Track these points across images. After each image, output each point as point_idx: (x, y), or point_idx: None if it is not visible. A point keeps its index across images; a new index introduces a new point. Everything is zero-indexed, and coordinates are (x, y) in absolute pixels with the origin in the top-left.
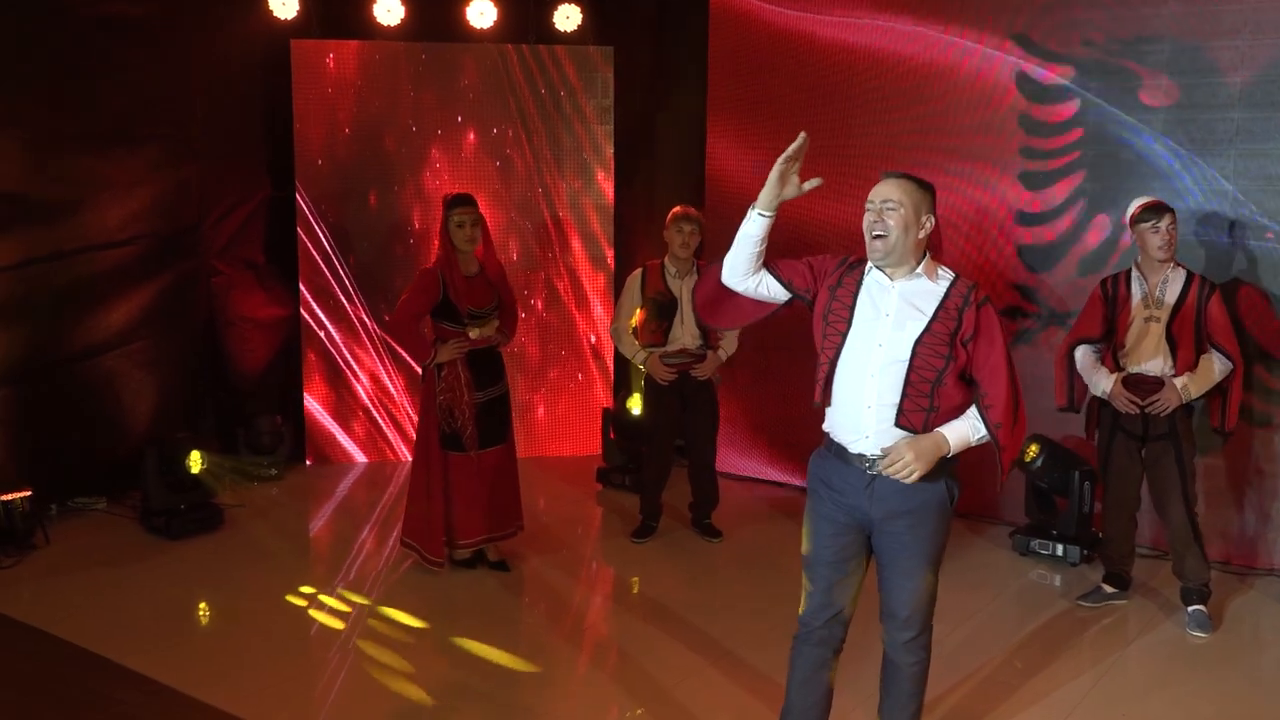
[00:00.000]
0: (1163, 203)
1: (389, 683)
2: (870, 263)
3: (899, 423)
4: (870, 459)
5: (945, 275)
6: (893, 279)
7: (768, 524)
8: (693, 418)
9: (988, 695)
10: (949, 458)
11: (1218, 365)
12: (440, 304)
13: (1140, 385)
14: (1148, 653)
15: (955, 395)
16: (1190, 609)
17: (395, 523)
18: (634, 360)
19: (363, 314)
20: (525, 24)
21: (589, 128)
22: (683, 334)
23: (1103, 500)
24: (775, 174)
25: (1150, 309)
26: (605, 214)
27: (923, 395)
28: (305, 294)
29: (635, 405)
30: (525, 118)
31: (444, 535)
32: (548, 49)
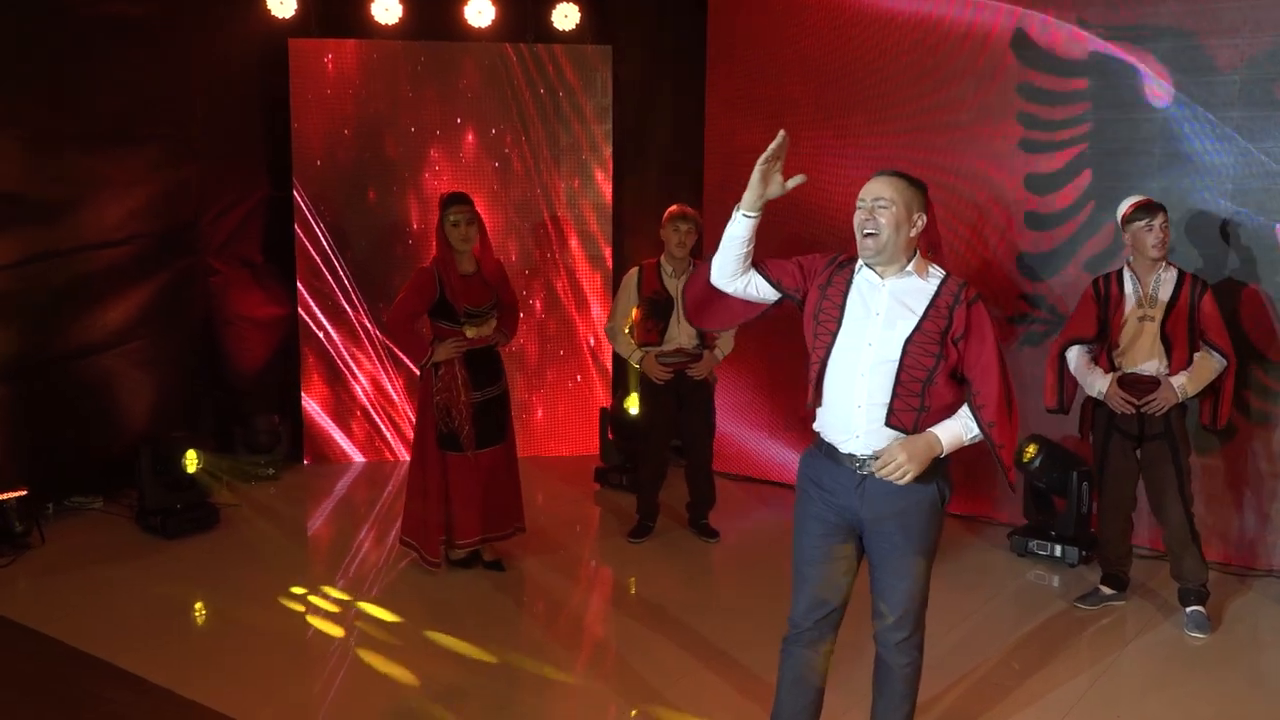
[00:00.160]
0: (1154, 201)
1: (384, 683)
2: (860, 261)
3: (890, 422)
4: (861, 459)
5: (936, 273)
6: (883, 277)
7: (765, 524)
8: (689, 417)
9: (984, 696)
10: (941, 458)
11: (1214, 363)
12: (437, 303)
13: (1136, 385)
14: (1145, 653)
15: (946, 394)
16: (1188, 610)
17: (392, 523)
18: (630, 360)
19: (361, 313)
20: (523, 23)
21: (587, 127)
22: (679, 333)
23: (1098, 501)
24: (757, 174)
25: (1144, 308)
26: (603, 213)
27: (913, 395)
28: (303, 293)
29: (633, 405)
30: (523, 117)
31: (441, 535)
32: (546, 48)
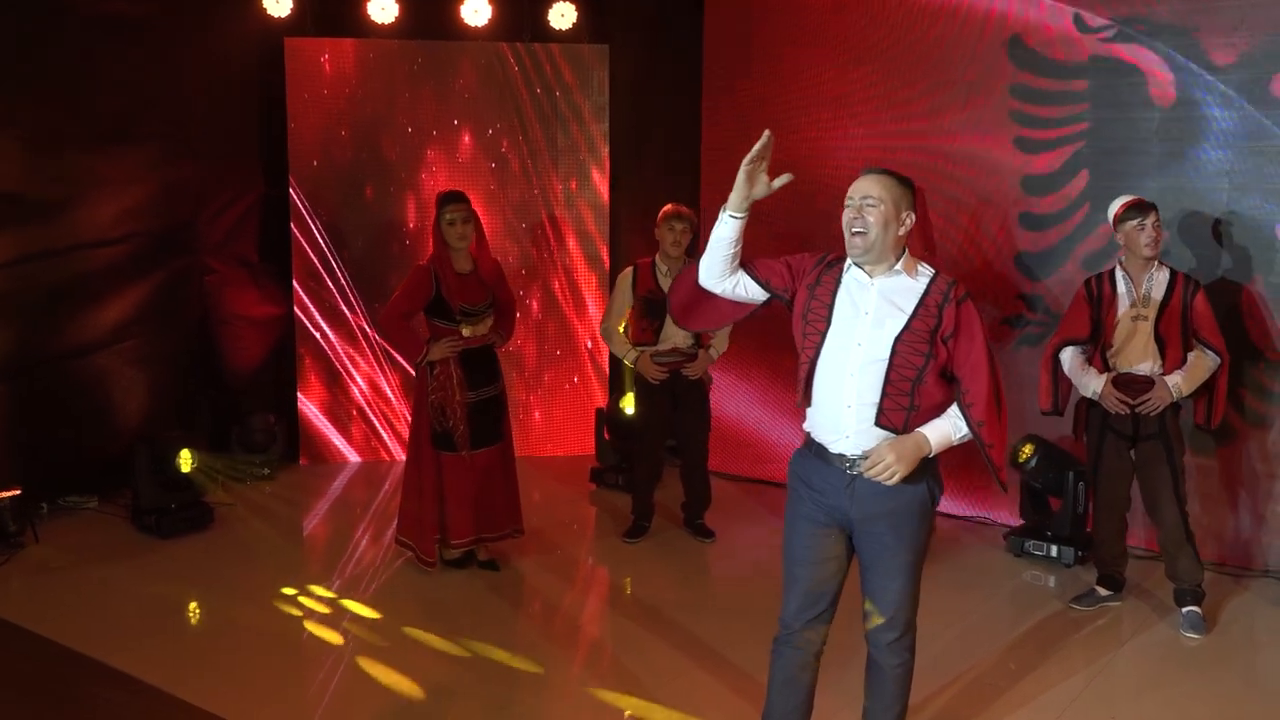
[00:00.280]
0: (1146, 200)
1: (378, 683)
2: (849, 260)
3: (879, 422)
4: (851, 459)
5: (925, 271)
6: (872, 276)
7: (760, 524)
8: (684, 417)
9: (978, 696)
10: (931, 458)
11: (1208, 362)
12: (433, 301)
13: (1130, 385)
14: (1141, 654)
15: (936, 393)
16: (1184, 610)
17: (388, 522)
18: (625, 359)
19: (358, 313)
20: (520, 22)
21: (584, 126)
22: (674, 333)
23: (1093, 502)
24: (742, 175)
25: (1138, 308)
26: (600, 213)
27: (903, 394)
28: (300, 292)
29: (628, 405)
30: (520, 117)
31: (436, 535)
32: (543, 47)
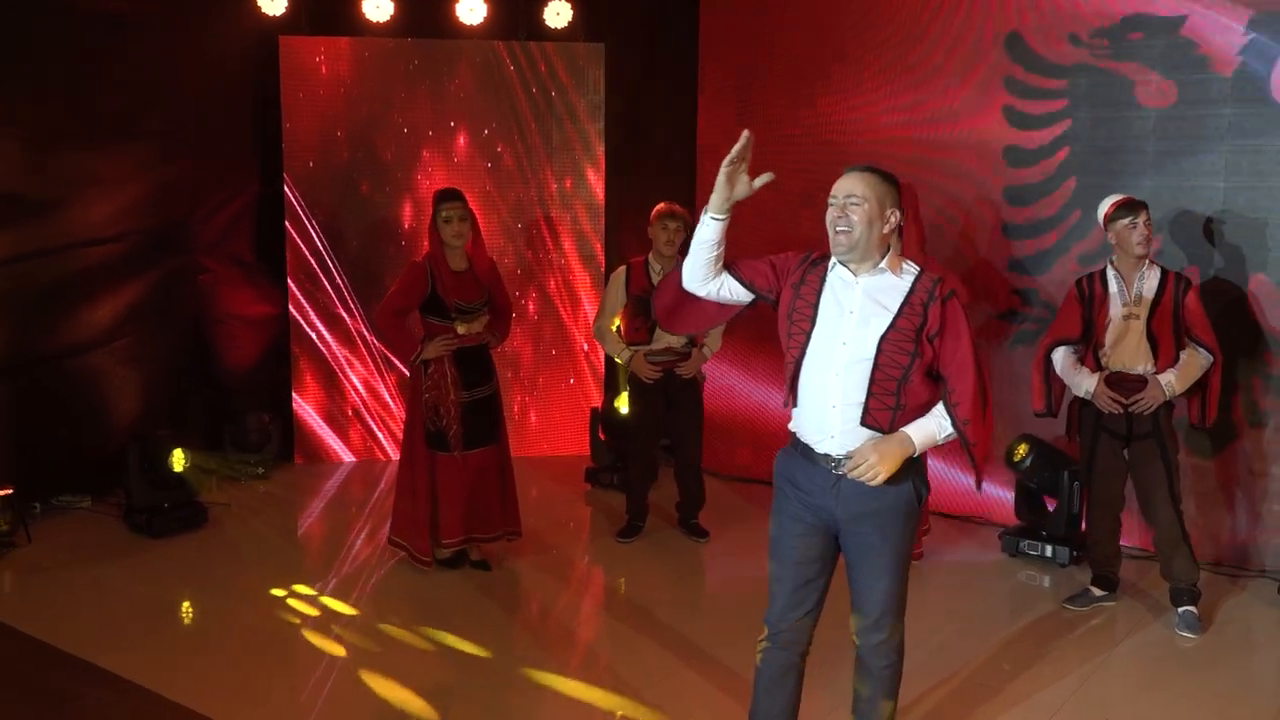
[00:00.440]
0: (1136, 199)
1: (370, 683)
2: (834, 258)
3: (865, 422)
4: (836, 459)
5: (910, 269)
6: (856, 275)
7: (755, 523)
8: (678, 416)
9: (971, 695)
10: (916, 457)
11: (1200, 360)
12: (428, 298)
13: (1123, 384)
14: (1135, 654)
15: (922, 392)
16: (1179, 610)
17: (382, 522)
18: (619, 359)
19: (353, 312)
20: (515, 20)
21: (579, 125)
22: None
23: (1087, 502)
24: (722, 177)
25: (1130, 307)
26: (596, 212)
27: (888, 393)
28: (295, 292)
29: (623, 404)
30: (516, 115)
31: (430, 534)
32: (538, 46)
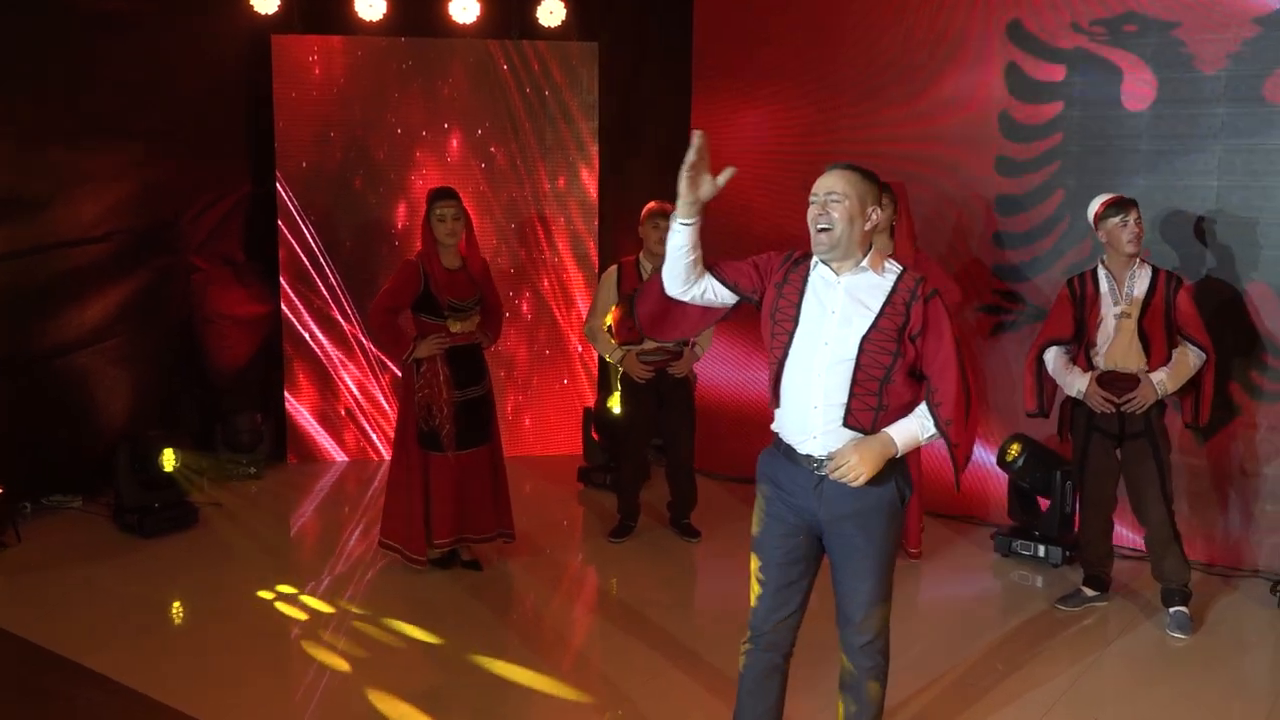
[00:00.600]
0: (1126, 198)
1: (360, 684)
2: (816, 257)
3: (847, 422)
4: (818, 460)
5: (893, 268)
6: (838, 274)
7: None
8: (669, 415)
9: (963, 695)
10: (898, 457)
11: (1193, 358)
12: (421, 296)
13: (1115, 383)
14: (1126, 654)
15: (905, 393)
16: (1171, 610)
17: (374, 522)
18: (611, 359)
19: (345, 311)
20: (508, 19)
21: (573, 124)
22: None
23: (1079, 502)
24: (684, 182)
25: (1121, 306)
26: (589, 211)
27: (870, 394)
28: (286, 291)
29: (615, 404)
30: (509, 115)
31: (424, 533)
32: (531, 45)
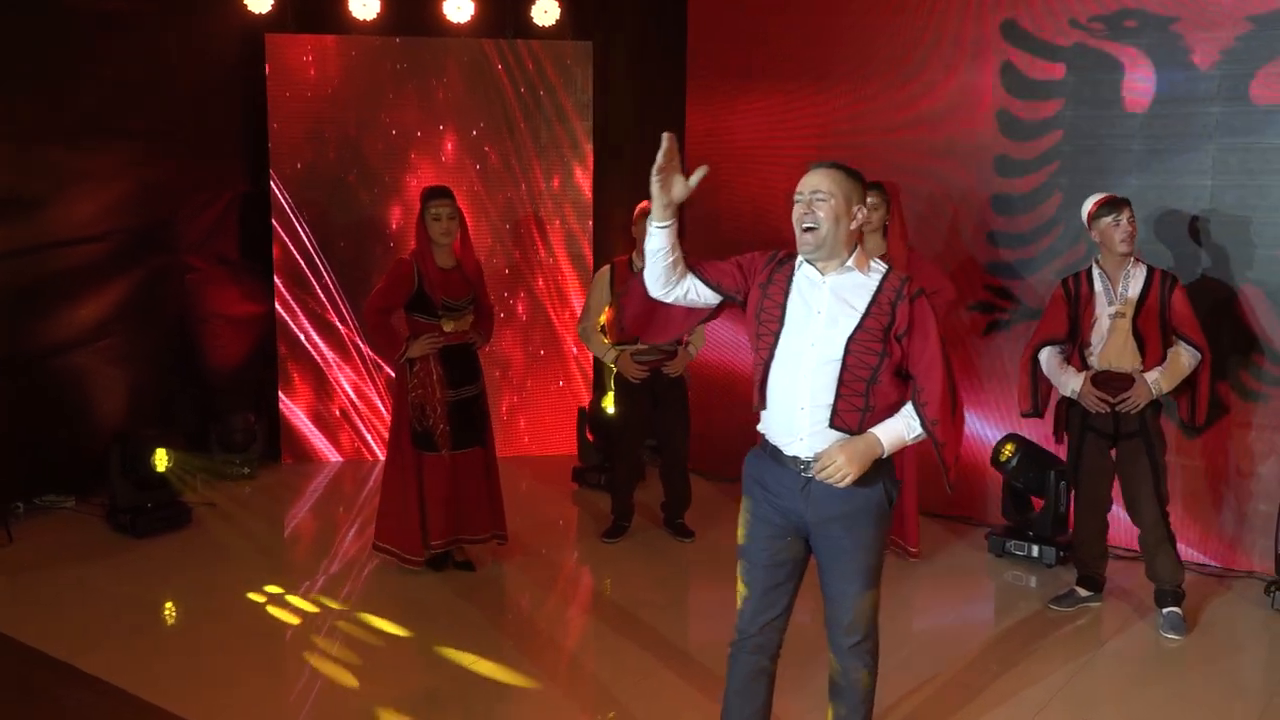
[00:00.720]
0: (1119, 197)
1: (351, 686)
2: (800, 257)
3: (834, 424)
4: (805, 462)
5: (878, 268)
6: (824, 274)
7: None
8: (664, 415)
9: (955, 695)
10: (885, 458)
11: (1187, 358)
12: (414, 295)
13: (1110, 383)
14: (1119, 655)
15: (892, 393)
16: (1164, 611)
17: (368, 522)
18: (605, 359)
19: (341, 311)
20: (503, 19)
21: (567, 124)
22: None
23: (1074, 502)
24: (655, 186)
25: (1116, 305)
26: (584, 211)
27: (857, 394)
28: (281, 290)
29: (609, 404)
30: (504, 114)
31: (420, 534)
32: (526, 44)
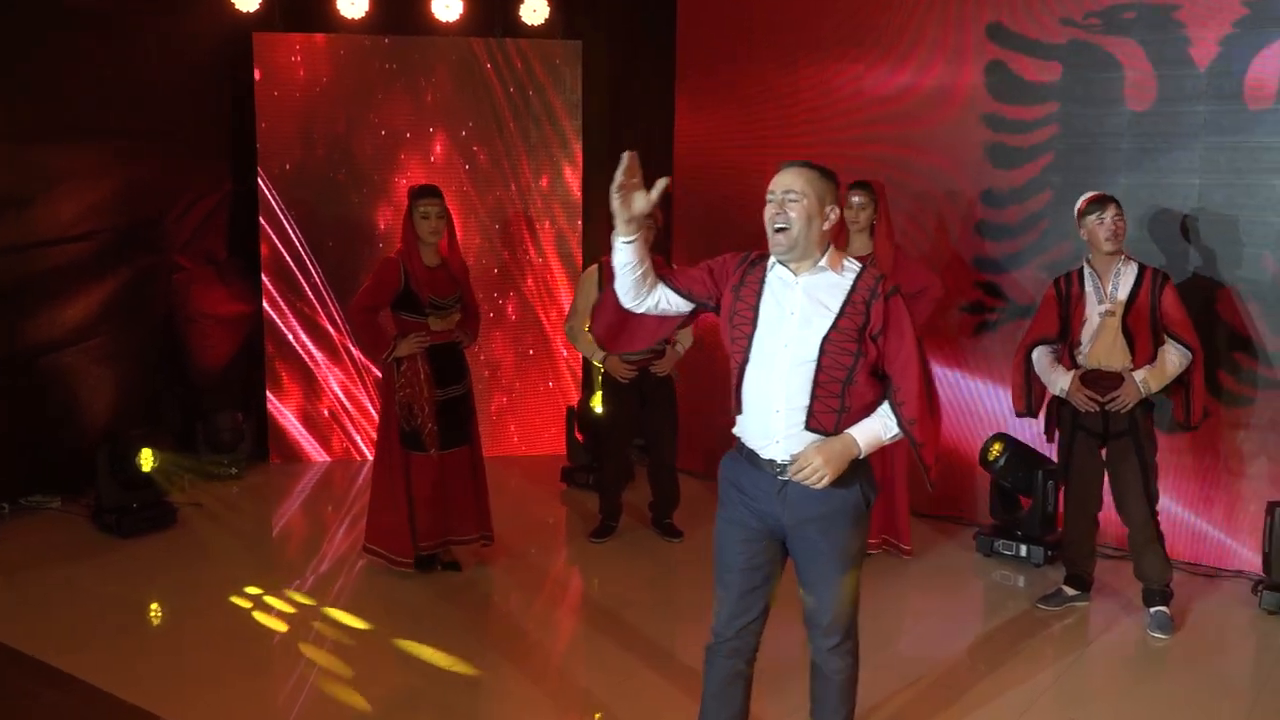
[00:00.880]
0: (1106, 195)
1: (335, 687)
2: (773, 258)
3: (809, 425)
4: (781, 465)
5: (852, 266)
6: (796, 274)
7: None
8: (652, 415)
9: (941, 695)
10: (861, 459)
11: (1177, 357)
12: (401, 294)
13: (1099, 382)
14: (1106, 654)
15: (868, 393)
16: (1151, 610)
17: (355, 522)
18: (593, 359)
19: (330, 310)
20: (491, 17)
21: (556, 123)
22: None
23: (1064, 501)
24: (616, 203)
25: (1106, 304)
26: (573, 210)
27: (833, 395)
28: (269, 290)
29: (598, 404)
30: (493, 113)
31: (410, 535)
32: (514, 43)
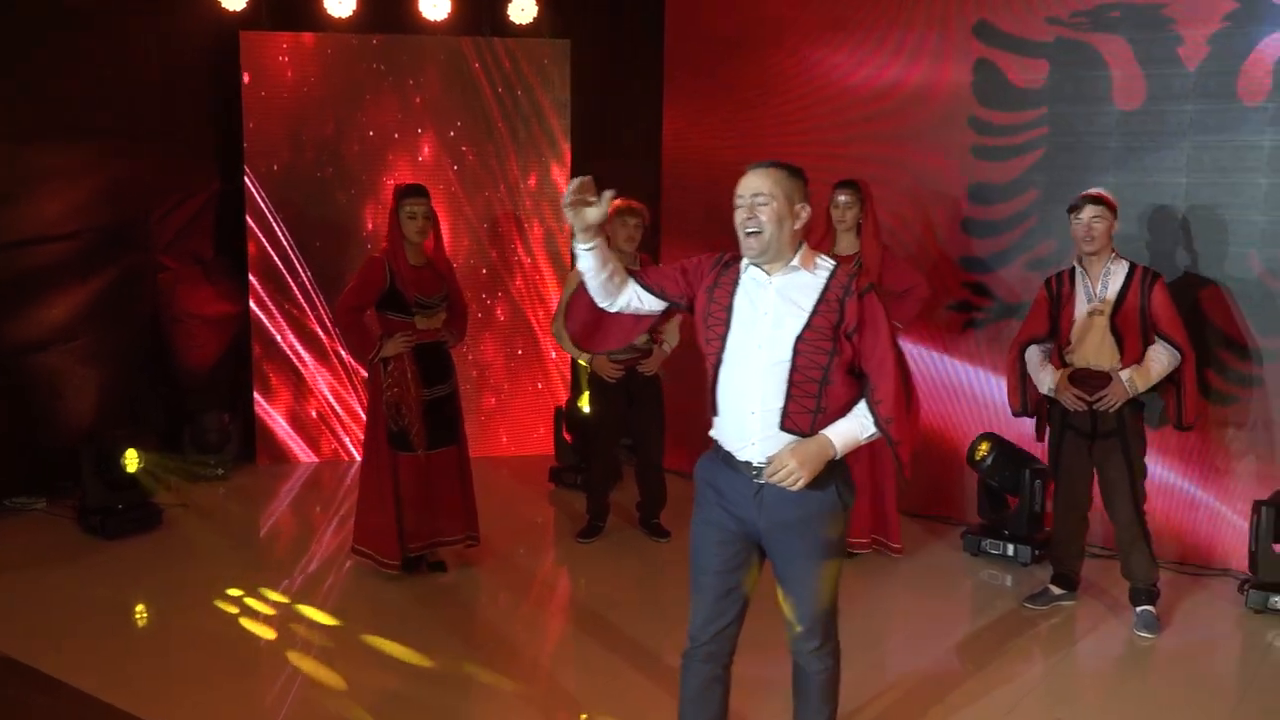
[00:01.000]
0: (1090, 195)
1: (320, 689)
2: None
3: (784, 426)
4: (757, 467)
5: (825, 265)
6: (770, 274)
7: None
8: (639, 414)
9: (927, 694)
10: (838, 460)
11: (1164, 356)
12: (387, 293)
13: (1087, 381)
14: (1093, 652)
15: (844, 393)
16: (1138, 609)
17: (341, 523)
18: (580, 359)
19: (317, 310)
20: (479, 16)
21: (545, 123)
22: None
23: (1053, 500)
24: (569, 215)
25: (1094, 303)
26: (561, 209)
27: (809, 396)
28: (256, 290)
29: (585, 404)
30: (481, 112)
31: (398, 537)
32: (503, 42)
